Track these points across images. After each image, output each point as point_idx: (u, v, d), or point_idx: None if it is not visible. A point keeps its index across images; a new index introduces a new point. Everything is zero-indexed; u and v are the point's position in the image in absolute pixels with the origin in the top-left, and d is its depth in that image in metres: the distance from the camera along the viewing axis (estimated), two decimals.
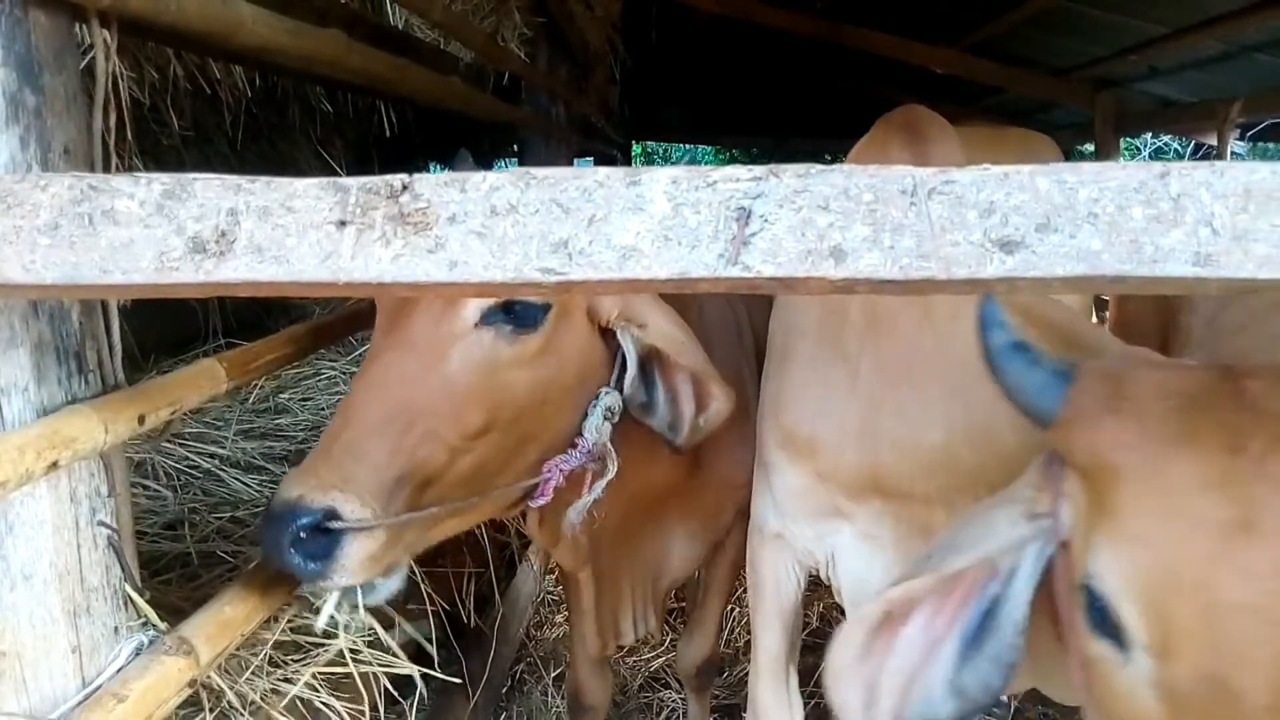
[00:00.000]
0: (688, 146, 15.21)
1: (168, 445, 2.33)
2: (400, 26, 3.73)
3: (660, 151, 15.69)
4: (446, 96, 3.37)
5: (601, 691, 2.68)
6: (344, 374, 3.20)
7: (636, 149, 12.85)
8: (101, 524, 1.23)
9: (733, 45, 9.10)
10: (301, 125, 4.06)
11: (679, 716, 3.36)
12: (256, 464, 2.41)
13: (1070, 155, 7.84)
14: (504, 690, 3.22)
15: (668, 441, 1.87)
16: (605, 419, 1.74)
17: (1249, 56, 5.60)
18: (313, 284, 0.90)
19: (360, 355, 3.22)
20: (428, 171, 1.03)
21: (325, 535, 1.38)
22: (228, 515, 2.05)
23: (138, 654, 1.26)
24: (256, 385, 2.98)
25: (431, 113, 4.79)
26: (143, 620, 1.30)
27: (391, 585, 1.53)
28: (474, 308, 1.54)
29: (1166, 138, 12.52)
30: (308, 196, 0.90)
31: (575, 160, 7.39)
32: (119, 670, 1.23)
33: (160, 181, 0.91)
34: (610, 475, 1.76)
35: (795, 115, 9.91)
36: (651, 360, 1.84)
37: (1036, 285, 0.90)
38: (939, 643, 1.28)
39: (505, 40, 4.56)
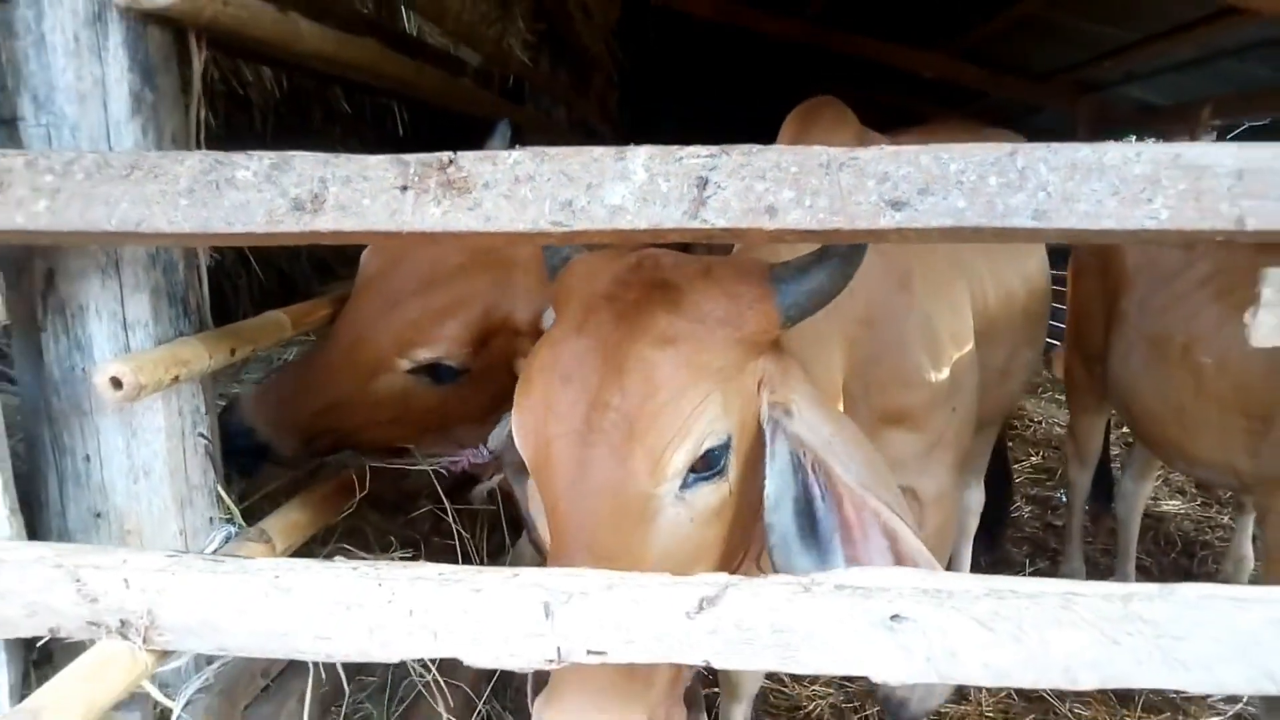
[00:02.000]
0: None
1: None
2: (415, 34, 4.05)
3: None
4: (458, 98, 3.69)
5: None
6: None
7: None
8: (201, 435, 1.55)
9: (727, 50, 9.41)
10: (323, 126, 4.37)
11: None
12: None
13: None
14: None
15: None
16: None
17: (1220, 62, 5.89)
18: (382, 233, 1.22)
19: None
20: None
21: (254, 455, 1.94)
22: None
23: (227, 541, 1.58)
24: (281, 358, 3.29)
25: (438, 114, 5.09)
26: (227, 515, 1.62)
27: None
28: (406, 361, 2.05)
29: (1149, 139, 12.89)
30: (379, 168, 1.22)
31: None
32: (214, 552, 1.55)
33: (268, 157, 1.23)
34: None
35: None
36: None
37: (919, 234, 1.21)
38: None
39: (510, 46, 4.88)
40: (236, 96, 3.70)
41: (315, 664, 1.68)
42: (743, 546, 1.56)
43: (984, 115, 8.97)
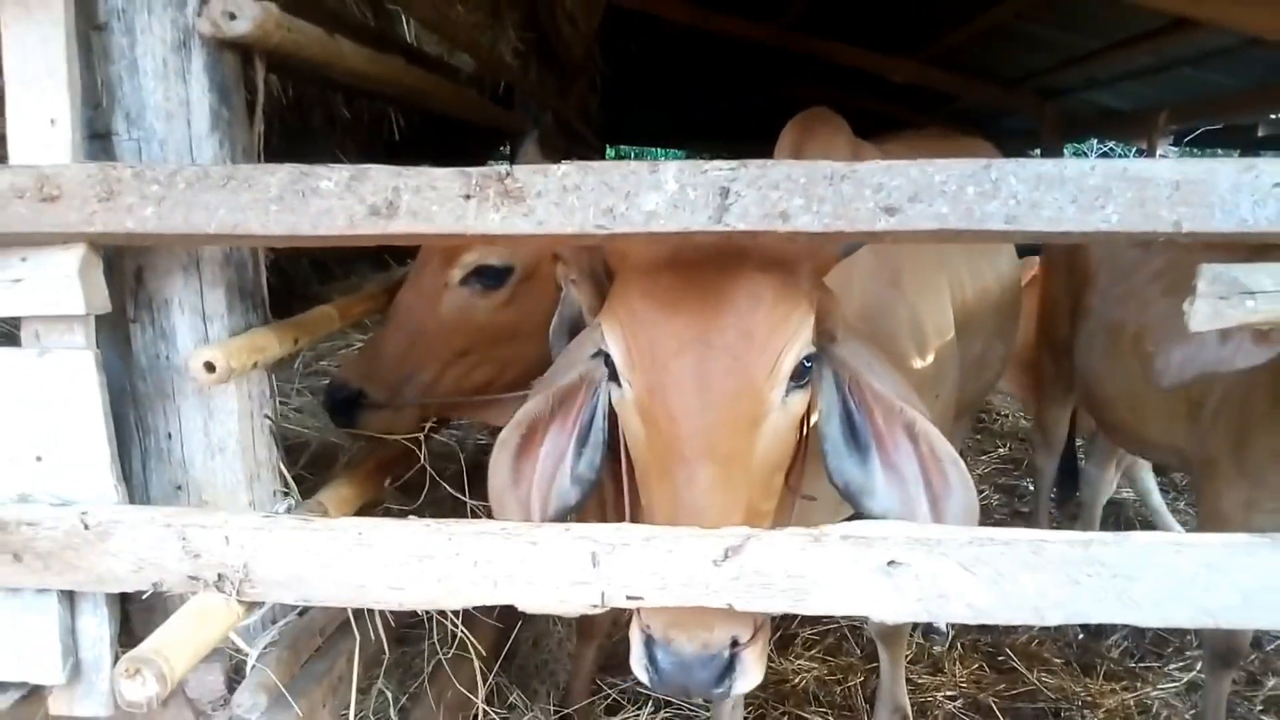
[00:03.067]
0: (660, 150, 15.74)
1: None
2: (414, 43, 4.22)
3: (632, 155, 16.23)
4: (454, 104, 3.86)
5: None
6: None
7: (611, 153, 13.38)
8: (266, 416, 1.73)
9: (704, 56, 9.63)
10: (323, 129, 4.52)
11: None
12: (312, 410, 2.92)
13: None
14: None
15: None
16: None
17: (1177, 70, 6.17)
18: (449, 235, 1.41)
19: None
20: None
21: (356, 407, 2.18)
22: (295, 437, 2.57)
23: (289, 512, 1.75)
24: (300, 356, 3.45)
25: (430, 118, 5.26)
26: (286, 490, 1.80)
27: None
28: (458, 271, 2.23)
29: (1111, 142, 13.29)
30: (445, 179, 1.41)
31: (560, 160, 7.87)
32: None
33: (348, 170, 1.41)
34: None
35: (763, 121, 10.43)
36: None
37: (908, 236, 1.42)
38: (565, 450, 1.73)
39: (501, 53, 5.05)
40: (246, 103, 3.85)
41: (368, 620, 1.85)
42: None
43: (954, 119, 9.25)
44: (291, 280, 4.52)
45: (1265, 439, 2.53)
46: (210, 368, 1.47)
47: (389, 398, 2.22)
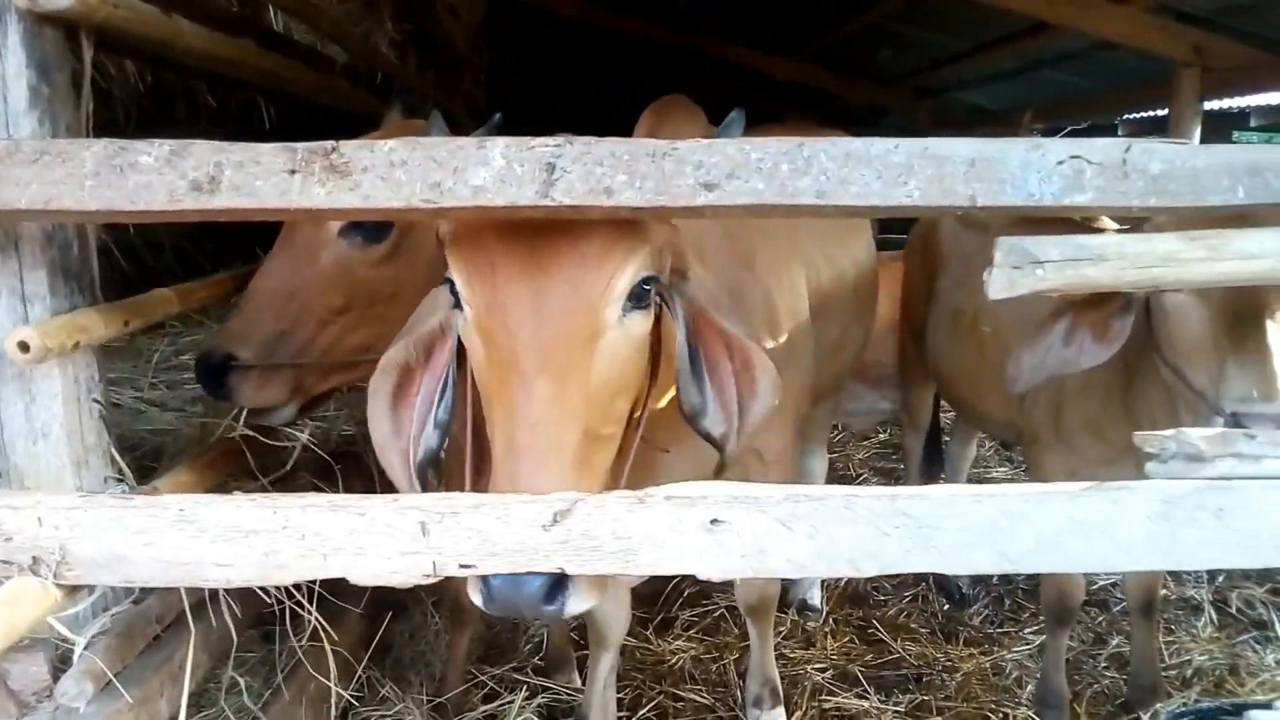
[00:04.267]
0: None
1: None
2: (282, 30, 4.13)
3: None
4: (326, 94, 3.80)
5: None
6: None
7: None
8: (95, 400, 1.68)
9: (596, 52, 9.67)
10: (187, 119, 4.38)
11: None
12: (170, 404, 2.83)
13: None
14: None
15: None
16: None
17: (1038, 71, 6.51)
18: (274, 210, 1.41)
19: None
20: None
21: (226, 371, 2.08)
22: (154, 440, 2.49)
23: None
24: (158, 349, 3.35)
25: (305, 109, 5.16)
26: (120, 476, 1.76)
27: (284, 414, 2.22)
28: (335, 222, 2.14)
29: None
30: (269, 154, 1.41)
31: None
32: None
33: (168, 144, 1.40)
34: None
35: None
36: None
37: (727, 211, 1.49)
38: (432, 395, 1.74)
39: (376, 44, 4.98)
40: (99, 90, 3.70)
41: (208, 604, 1.83)
42: (642, 392, 1.79)
43: (836, 117, 9.55)
44: (199, 265, 4.39)
45: (1077, 410, 2.71)
46: (24, 348, 1.44)
47: (260, 358, 2.13)
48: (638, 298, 1.63)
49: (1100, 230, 2.24)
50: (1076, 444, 2.78)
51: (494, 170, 1.44)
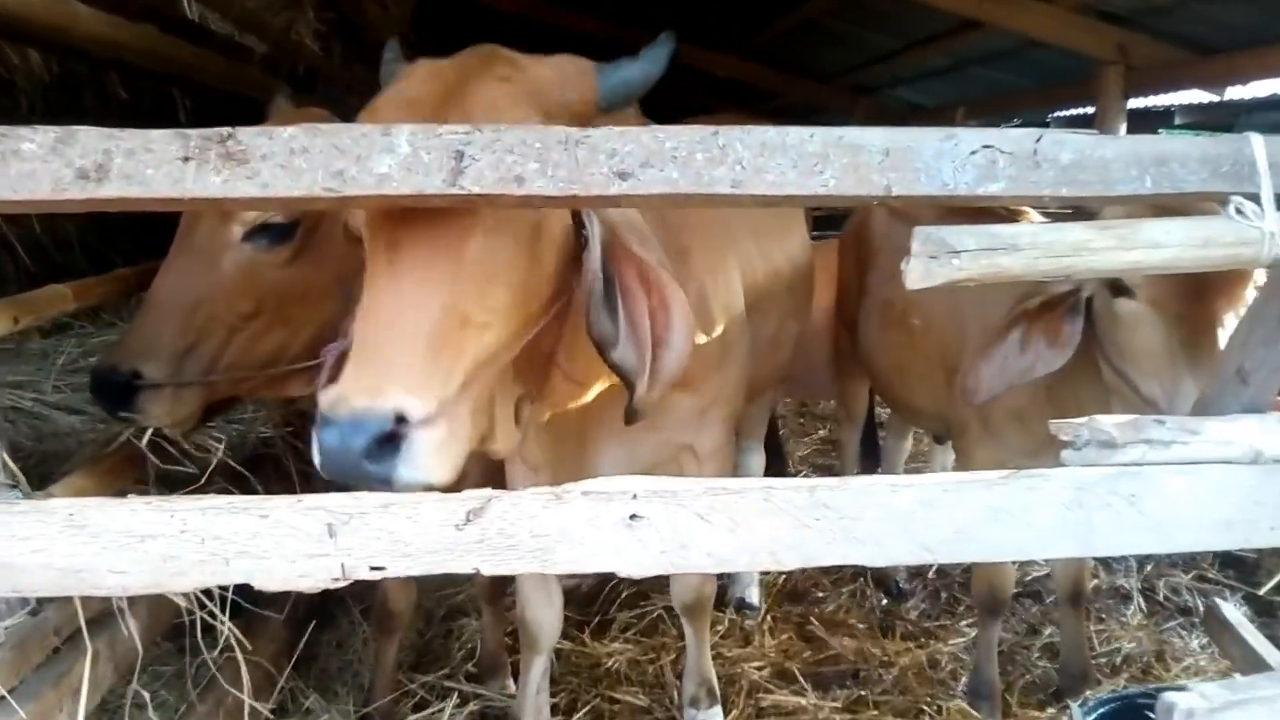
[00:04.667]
0: None
1: None
2: (196, 19, 4.00)
3: None
4: (245, 85, 3.69)
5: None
6: None
7: None
8: None
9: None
10: (98, 111, 4.22)
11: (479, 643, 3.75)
12: (76, 407, 2.72)
13: None
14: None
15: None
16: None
17: (970, 69, 6.63)
18: (167, 200, 1.34)
19: None
20: None
21: (131, 391, 1.94)
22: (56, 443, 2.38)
23: None
24: (65, 350, 3.22)
25: (224, 101, 5.02)
26: (13, 483, 1.67)
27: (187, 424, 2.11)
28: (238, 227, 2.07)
29: None
30: (161, 140, 1.34)
31: None
32: None
33: (53, 131, 1.32)
34: None
35: None
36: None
37: (641, 200, 1.46)
38: None
39: (299, 35, 4.85)
40: (1, 81, 3.56)
41: (115, 615, 1.75)
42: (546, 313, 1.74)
43: (777, 113, 9.63)
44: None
45: (1003, 402, 2.75)
46: None
47: (169, 375, 2.02)
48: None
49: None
50: (1003, 435, 2.82)
51: (400, 158, 1.39)
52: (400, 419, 1.42)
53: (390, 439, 1.41)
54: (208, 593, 1.93)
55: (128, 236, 4.27)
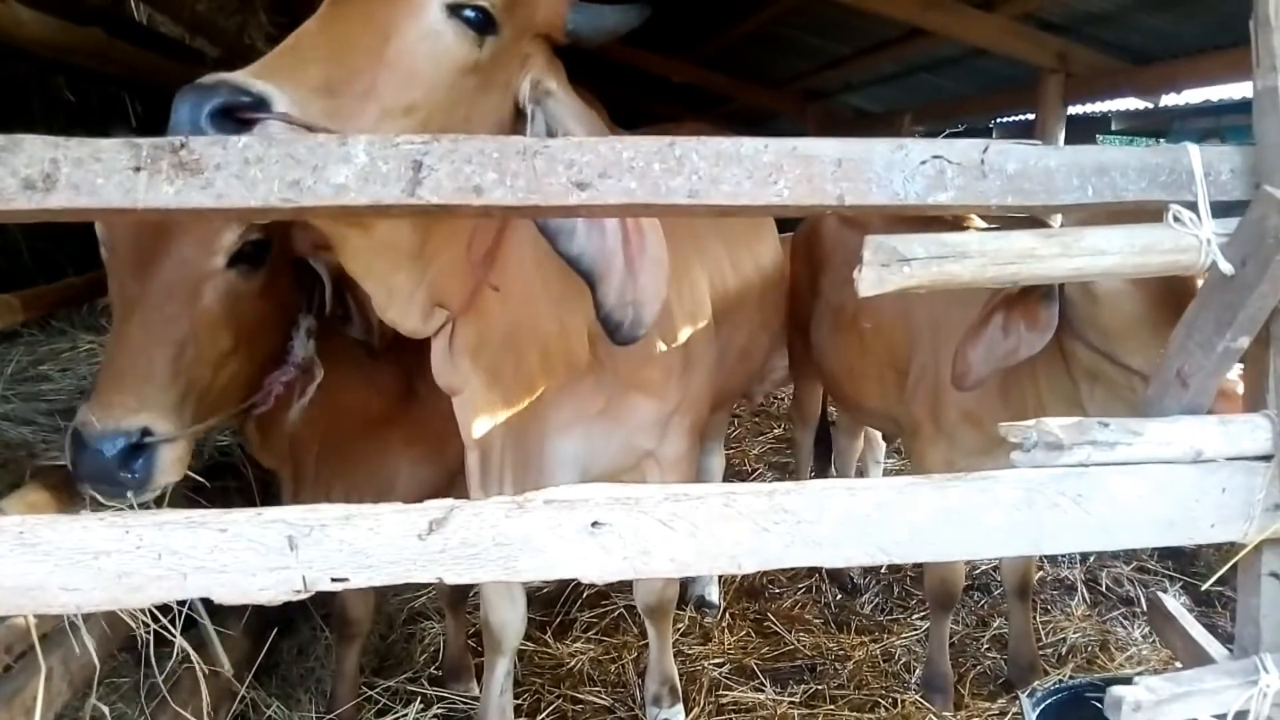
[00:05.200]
0: None
1: None
2: (145, 22, 3.94)
3: None
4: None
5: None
6: (102, 345, 3.37)
7: None
8: None
9: None
10: (44, 115, 4.12)
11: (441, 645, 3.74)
12: (27, 418, 2.65)
13: None
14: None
15: (366, 348, 2.28)
16: (308, 336, 2.23)
17: (917, 76, 6.74)
18: (118, 210, 1.32)
19: None
20: None
21: (140, 450, 1.77)
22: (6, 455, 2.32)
23: None
24: (14, 359, 3.14)
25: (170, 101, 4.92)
26: None
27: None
28: (223, 254, 1.97)
29: None
30: (111, 150, 1.32)
31: None
32: None
33: None
34: (318, 379, 2.26)
35: None
36: (342, 280, 2.18)
37: (599, 210, 1.48)
38: None
39: (252, 39, 4.79)
40: None
41: (67, 630, 1.72)
42: None
43: (731, 119, 9.69)
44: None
45: (957, 402, 2.82)
46: None
47: (178, 426, 1.86)
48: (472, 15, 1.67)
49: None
50: (956, 435, 2.88)
51: (357, 168, 1.39)
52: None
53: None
54: (164, 606, 1.90)
55: (78, 242, 4.18)
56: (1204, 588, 3.73)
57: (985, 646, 3.85)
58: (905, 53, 6.00)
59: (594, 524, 1.46)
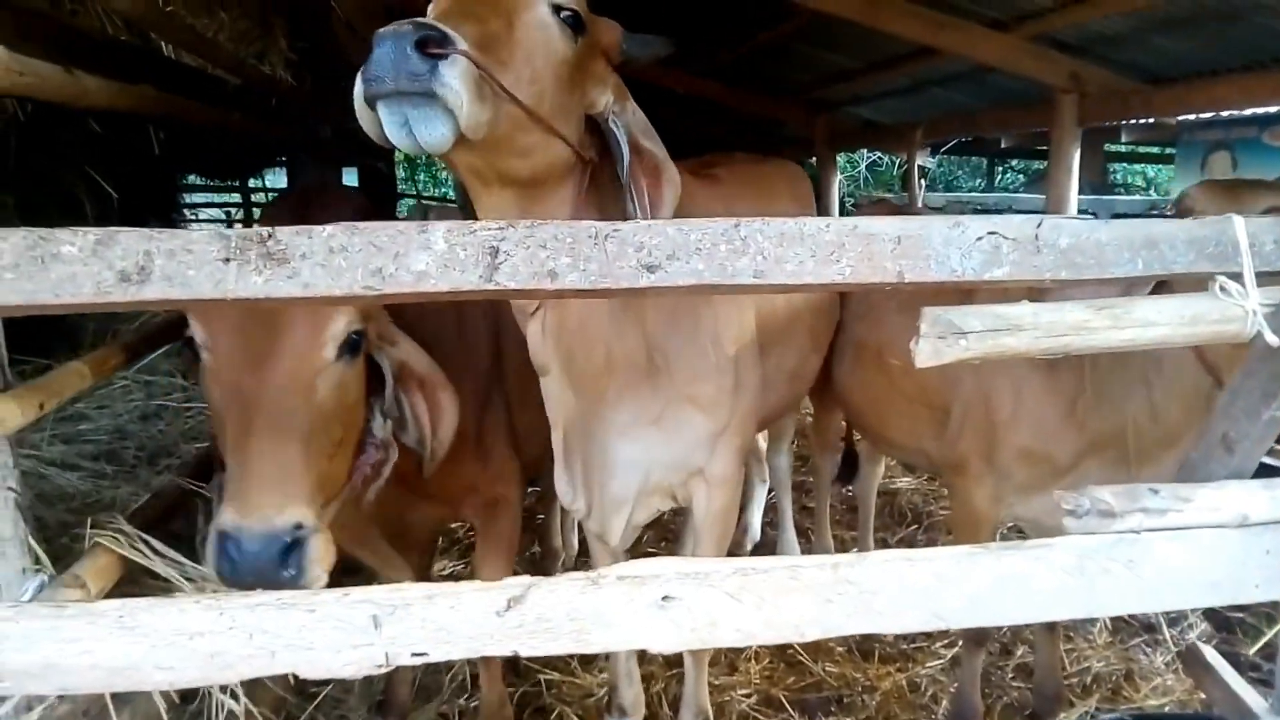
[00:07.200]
0: None
1: None
2: (173, 57, 3.98)
3: (421, 160, 15.92)
4: (222, 124, 3.68)
5: None
6: (136, 381, 3.42)
7: (400, 156, 13.12)
8: (10, 488, 1.60)
9: None
10: (71, 146, 4.18)
11: None
12: (70, 462, 2.69)
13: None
14: None
15: (418, 462, 2.37)
16: (384, 417, 2.26)
17: (928, 90, 6.78)
18: (209, 300, 1.37)
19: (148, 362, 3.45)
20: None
21: (293, 547, 1.79)
22: (61, 507, 2.36)
23: (41, 589, 1.64)
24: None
25: (195, 130, 4.98)
26: (38, 565, 1.67)
27: None
28: (332, 345, 1.99)
29: (878, 152, 14.42)
30: (202, 241, 1.37)
31: (342, 170, 7.68)
32: (29, 600, 1.60)
33: (93, 233, 1.34)
34: (393, 459, 2.27)
35: None
36: (398, 380, 2.26)
37: (669, 290, 1.52)
38: None
39: (272, 65, 4.84)
40: None
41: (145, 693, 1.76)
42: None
43: (738, 128, 9.73)
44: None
45: (1013, 440, 2.84)
46: None
47: (320, 517, 1.89)
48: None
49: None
50: (1012, 474, 2.88)
51: (437, 255, 1.43)
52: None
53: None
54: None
55: None
56: (1251, 652, 3.76)
57: (1011, 676, 3.88)
58: (917, 68, 6.04)
59: (664, 598, 1.50)
